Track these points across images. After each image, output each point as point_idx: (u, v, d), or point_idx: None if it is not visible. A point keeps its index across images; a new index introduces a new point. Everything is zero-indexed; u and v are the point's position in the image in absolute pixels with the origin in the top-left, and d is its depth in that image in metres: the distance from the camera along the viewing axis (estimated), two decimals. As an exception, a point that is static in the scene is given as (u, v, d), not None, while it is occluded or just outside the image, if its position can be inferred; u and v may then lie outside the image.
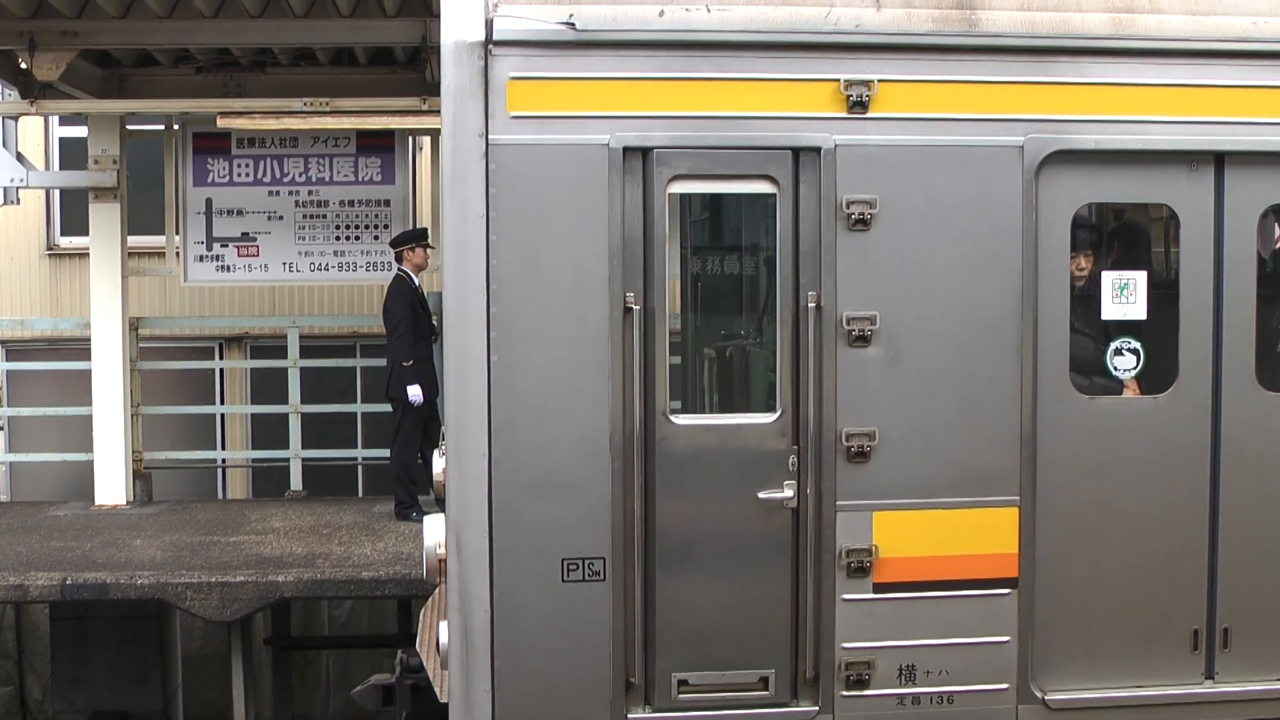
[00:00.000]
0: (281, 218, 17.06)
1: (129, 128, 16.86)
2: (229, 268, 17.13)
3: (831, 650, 7.53)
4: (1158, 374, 7.81)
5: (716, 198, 7.91)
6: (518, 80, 7.19)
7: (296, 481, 17.69)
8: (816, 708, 7.57)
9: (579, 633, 7.38)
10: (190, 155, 16.99)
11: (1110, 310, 7.79)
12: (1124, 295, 7.78)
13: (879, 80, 7.39)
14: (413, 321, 14.86)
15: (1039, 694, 7.69)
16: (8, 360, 20.47)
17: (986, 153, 7.49)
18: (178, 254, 17.09)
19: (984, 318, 7.53)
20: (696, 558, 7.47)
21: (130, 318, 17.01)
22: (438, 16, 7.35)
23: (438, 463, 8.00)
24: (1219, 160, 7.72)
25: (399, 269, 15.17)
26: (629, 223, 7.29)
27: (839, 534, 7.49)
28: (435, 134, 16.14)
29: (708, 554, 7.46)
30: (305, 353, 17.94)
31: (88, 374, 16.82)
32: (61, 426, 18.90)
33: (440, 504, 7.77)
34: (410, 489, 15.24)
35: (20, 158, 16.43)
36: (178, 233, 17.05)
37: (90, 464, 16.88)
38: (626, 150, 7.27)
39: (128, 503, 16.67)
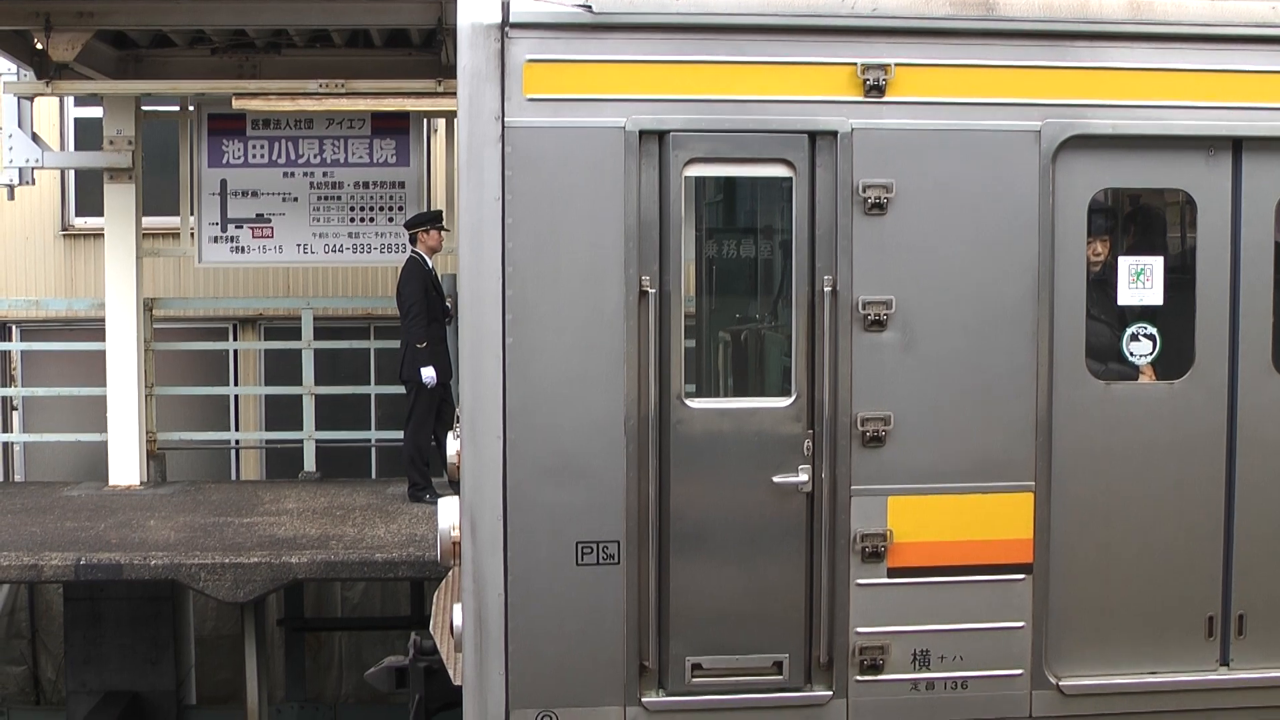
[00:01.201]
0: (296, 199, 17.07)
1: (144, 109, 16.83)
2: (243, 249, 17.15)
3: (845, 635, 7.53)
4: (1174, 360, 7.79)
5: (732, 181, 7.89)
6: (534, 63, 7.18)
7: (310, 463, 17.71)
8: (830, 692, 7.58)
9: (593, 616, 7.38)
10: (205, 136, 16.99)
11: (1126, 296, 7.77)
12: (1140, 281, 7.76)
13: (896, 64, 7.38)
14: (426, 303, 14.84)
15: (1053, 680, 7.69)
16: (22, 340, 20.51)
17: (1003, 137, 7.47)
18: (192, 235, 17.10)
19: (1000, 303, 7.52)
20: (711, 542, 7.47)
21: (145, 298, 17.01)
22: (454, -1, 7.35)
23: (452, 445, 8.00)
24: (1237, 146, 7.70)
25: (413, 251, 15.15)
26: (645, 206, 7.29)
27: (854, 519, 7.48)
28: (450, 116, 16.17)
29: (722, 538, 7.47)
30: (319, 334, 17.94)
31: (102, 354, 16.83)
32: (75, 407, 18.93)
33: (454, 486, 7.77)
34: (423, 471, 15.25)
35: (36, 138, 16.44)
36: (192, 214, 17.06)
37: (104, 444, 16.90)
38: (643, 133, 7.26)
39: (141, 483, 16.69)
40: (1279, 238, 7.81)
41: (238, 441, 20.87)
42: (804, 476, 7.46)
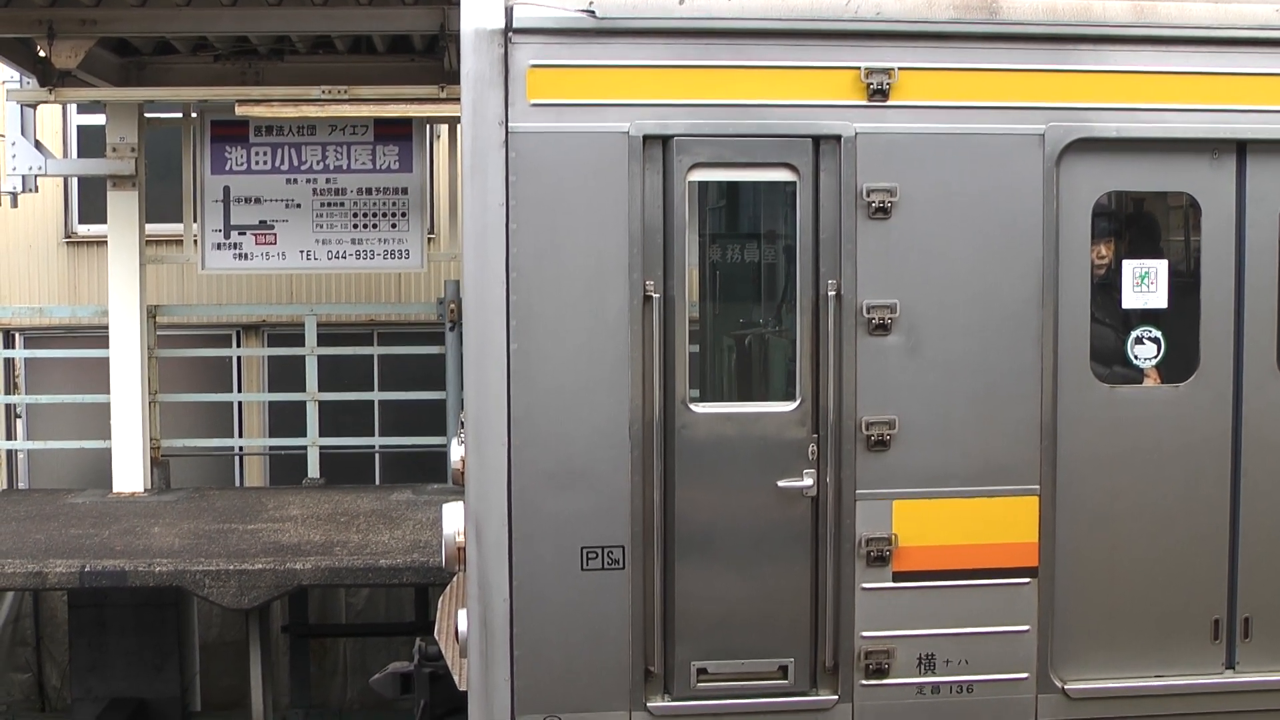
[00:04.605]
0: (299, 206, 17.04)
1: (147, 116, 16.84)
2: (246, 255, 17.13)
3: (851, 639, 7.53)
4: (1179, 362, 7.79)
5: (736, 186, 7.89)
6: (538, 68, 7.18)
7: (314, 469, 17.69)
8: (836, 697, 7.57)
9: (598, 621, 7.38)
10: (208, 143, 16.98)
11: (1131, 299, 7.77)
12: (1145, 284, 7.76)
13: (900, 68, 7.38)
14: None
15: (1059, 683, 7.68)
16: (26, 347, 20.52)
17: (1007, 141, 7.47)
18: (195, 242, 17.08)
19: (1004, 306, 7.51)
20: (716, 546, 7.47)
21: (148, 305, 17.01)
22: (457, 4, 7.35)
23: (456, 451, 8.00)
24: (1241, 149, 7.70)
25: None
26: (649, 211, 7.28)
27: (859, 523, 7.48)
28: (453, 122, 16.18)
29: (727, 543, 7.46)
30: (322, 340, 17.90)
31: (106, 361, 16.83)
32: (79, 414, 18.94)
33: (460, 491, 7.77)
34: None
35: (39, 146, 16.45)
36: (195, 221, 17.05)
37: (108, 451, 16.90)
38: (646, 138, 7.26)
39: (145, 490, 16.69)
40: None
41: (241, 448, 20.86)
42: (809, 481, 7.45)
